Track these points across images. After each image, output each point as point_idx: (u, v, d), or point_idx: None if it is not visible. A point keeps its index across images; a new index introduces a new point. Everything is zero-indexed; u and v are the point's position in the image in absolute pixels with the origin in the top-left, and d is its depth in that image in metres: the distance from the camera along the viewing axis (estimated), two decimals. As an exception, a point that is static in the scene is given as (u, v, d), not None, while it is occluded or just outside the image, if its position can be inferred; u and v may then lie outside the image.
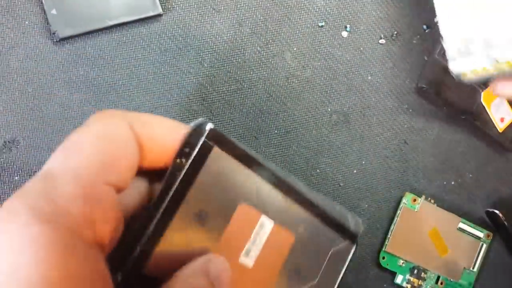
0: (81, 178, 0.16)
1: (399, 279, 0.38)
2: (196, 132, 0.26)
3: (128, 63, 0.31)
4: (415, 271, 0.38)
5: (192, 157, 0.26)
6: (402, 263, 0.38)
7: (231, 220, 0.27)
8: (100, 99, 0.31)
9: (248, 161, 0.28)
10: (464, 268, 0.40)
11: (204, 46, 0.33)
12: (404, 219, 0.38)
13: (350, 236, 0.31)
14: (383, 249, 0.38)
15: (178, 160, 0.26)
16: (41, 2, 0.29)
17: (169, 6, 0.32)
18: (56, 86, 0.30)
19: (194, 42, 0.33)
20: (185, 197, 0.26)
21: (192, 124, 0.27)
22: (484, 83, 0.37)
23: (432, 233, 0.38)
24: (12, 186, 0.30)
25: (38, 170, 0.30)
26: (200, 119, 0.27)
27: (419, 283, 0.38)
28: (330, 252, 0.29)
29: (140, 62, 0.32)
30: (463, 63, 0.28)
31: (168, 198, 0.26)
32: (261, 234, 0.28)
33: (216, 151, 0.26)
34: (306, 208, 0.30)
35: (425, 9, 0.36)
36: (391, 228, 0.38)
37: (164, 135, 0.21)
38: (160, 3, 0.31)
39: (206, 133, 0.26)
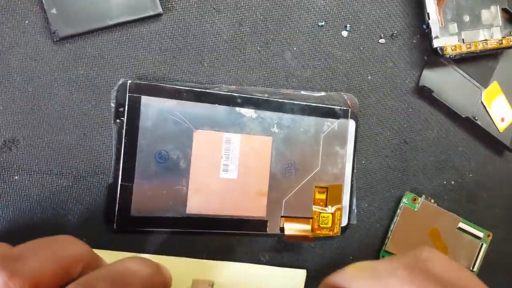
0: None
1: (399, 279, 0.38)
2: (121, 92, 0.30)
3: (128, 63, 0.31)
4: (415, 271, 0.38)
5: (126, 112, 0.29)
6: (402, 263, 0.38)
7: (193, 149, 0.30)
8: (100, 99, 0.31)
9: (181, 94, 0.31)
10: (464, 268, 0.40)
11: (204, 46, 0.33)
12: (404, 219, 0.38)
13: (342, 115, 0.33)
14: (383, 248, 0.38)
15: (118, 120, 0.30)
16: (41, 1, 0.29)
17: (169, 5, 0.32)
18: (56, 85, 0.30)
19: (194, 42, 0.33)
20: (137, 146, 0.29)
21: (115, 87, 0.30)
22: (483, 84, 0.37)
23: (432, 233, 0.38)
24: (12, 185, 0.30)
25: (38, 169, 0.30)
26: (121, 80, 0.30)
27: (419, 283, 0.38)
28: (322, 136, 0.31)
29: (140, 62, 0.32)
30: (444, 40, 0.35)
31: (122, 153, 0.29)
32: (232, 148, 0.30)
33: (145, 98, 0.30)
34: (273, 110, 0.32)
35: (425, 9, 0.36)
36: (391, 228, 0.38)
37: None
38: (160, 2, 0.31)
39: (128, 88, 0.30)
